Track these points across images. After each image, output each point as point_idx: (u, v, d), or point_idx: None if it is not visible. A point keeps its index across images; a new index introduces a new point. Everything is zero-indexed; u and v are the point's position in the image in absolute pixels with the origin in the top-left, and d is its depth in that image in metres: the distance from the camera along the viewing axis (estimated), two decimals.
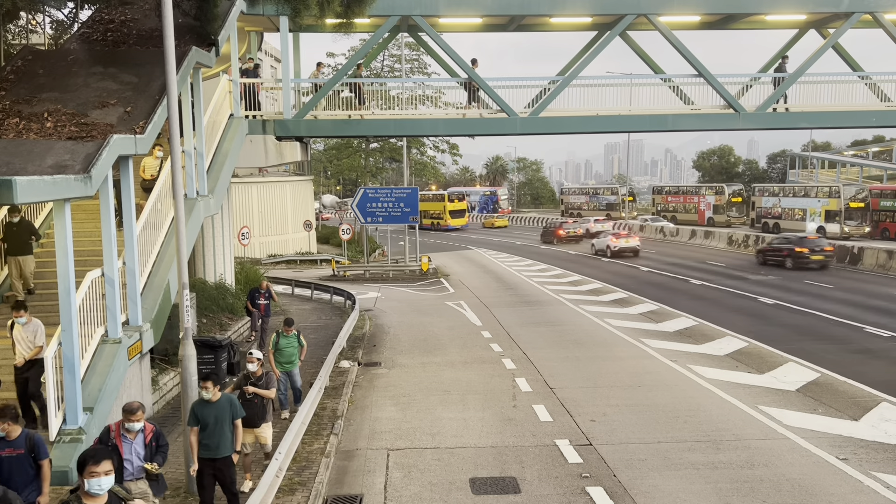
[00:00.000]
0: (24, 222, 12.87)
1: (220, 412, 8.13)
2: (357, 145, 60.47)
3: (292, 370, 12.66)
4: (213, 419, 8.08)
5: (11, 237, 12.63)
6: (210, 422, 8.09)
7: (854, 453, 10.42)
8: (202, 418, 8.11)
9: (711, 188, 62.47)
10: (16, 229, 12.64)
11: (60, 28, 19.08)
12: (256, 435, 9.63)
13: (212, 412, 8.10)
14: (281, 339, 12.57)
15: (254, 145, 20.72)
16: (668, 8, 21.48)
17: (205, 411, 8.12)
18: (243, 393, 9.52)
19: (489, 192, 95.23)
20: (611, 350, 17.50)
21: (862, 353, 16.75)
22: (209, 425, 8.08)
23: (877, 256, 32.71)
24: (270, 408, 9.88)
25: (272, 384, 9.86)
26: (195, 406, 8.25)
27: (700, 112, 22.12)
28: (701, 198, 61.36)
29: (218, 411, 8.13)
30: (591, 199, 77.50)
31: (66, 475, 9.36)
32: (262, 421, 9.63)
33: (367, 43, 23.16)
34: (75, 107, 12.08)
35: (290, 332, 12.60)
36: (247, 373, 9.87)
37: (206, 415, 8.11)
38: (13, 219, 12.62)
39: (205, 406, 8.15)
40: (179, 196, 9.68)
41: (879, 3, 21.47)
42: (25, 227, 12.84)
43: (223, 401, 8.21)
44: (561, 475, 9.82)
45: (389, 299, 27.45)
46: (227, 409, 8.19)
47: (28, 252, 12.71)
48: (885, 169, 58.68)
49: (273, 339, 12.70)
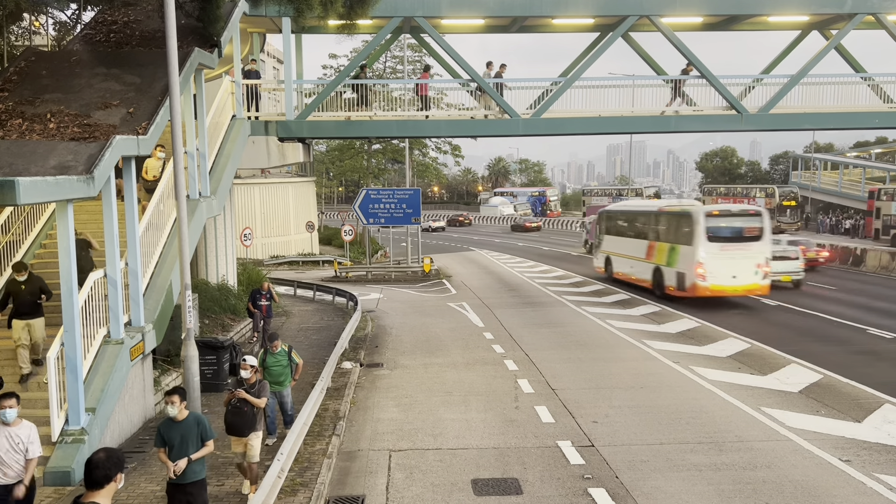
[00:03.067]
0: (32, 279, 11.13)
1: (187, 431, 7.37)
2: (359, 146, 60.45)
3: (281, 391, 11.40)
4: (179, 439, 7.33)
5: (19, 297, 10.97)
6: (176, 442, 7.35)
7: (857, 455, 10.39)
8: (168, 439, 7.38)
9: (763, 190, 56.71)
10: (24, 287, 10.94)
11: (63, 29, 19.10)
12: (245, 444, 9.07)
13: (178, 432, 7.36)
14: (268, 357, 11.26)
15: (256, 146, 20.74)
16: (671, 9, 21.47)
17: (170, 431, 7.38)
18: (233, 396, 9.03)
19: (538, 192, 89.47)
20: (613, 351, 17.48)
21: (865, 355, 16.71)
22: (175, 446, 7.34)
23: (879, 258, 32.65)
24: (262, 417, 9.32)
25: (265, 393, 9.26)
26: (161, 426, 7.50)
27: (703, 113, 22.10)
28: (751, 201, 54.39)
29: (184, 430, 7.37)
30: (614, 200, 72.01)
31: (67, 475, 9.37)
32: (251, 430, 9.01)
33: (370, 44, 23.16)
34: (78, 108, 12.11)
35: (276, 349, 11.26)
36: (239, 378, 9.33)
37: (172, 435, 7.37)
38: (20, 277, 11.00)
39: (170, 426, 7.42)
40: (182, 197, 9.70)
41: (882, 4, 21.43)
42: (35, 284, 11.08)
43: (190, 420, 7.45)
44: (563, 476, 9.81)
45: (391, 300, 27.45)
46: (195, 428, 7.41)
47: (39, 314, 11.09)
48: (887, 170, 58.59)
49: (260, 356, 11.32)
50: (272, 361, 11.21)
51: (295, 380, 11.55)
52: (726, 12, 22.08)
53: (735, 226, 22.78)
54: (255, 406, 9.05)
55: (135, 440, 11.30)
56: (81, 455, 9.55)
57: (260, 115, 20.56)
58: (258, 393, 9.14)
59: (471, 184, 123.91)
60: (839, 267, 34.20)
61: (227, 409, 9.10)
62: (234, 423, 9.00)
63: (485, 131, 22.75)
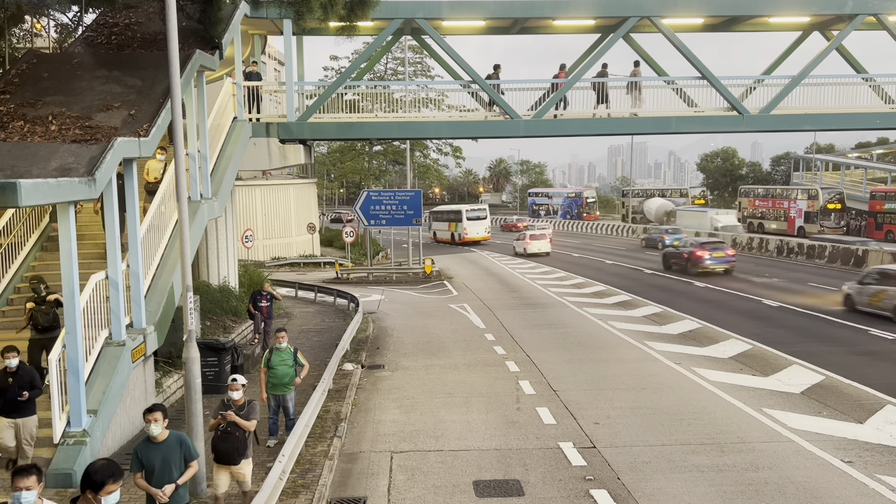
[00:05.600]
0: (23, 368, 9.36)
1: (169, 453, 6.69)
2: (360, 148, 60.48)
3: (285, 395, 11.01)
4: (160, 462, 6.67)
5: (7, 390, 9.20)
6: (156, 465, 6.66)
7: (859, 456, 10.38)
8: (146, 462, 6.68)
9: (805, 191, 51.82)
10: (11, 381, 9.20)
11: (65, 32, 19.10)
12: (234, 473, 8.20)
13: (158, 454, 6.68)
14: (273, 356, 10.94)
15: (257, 148, 20.75)
16: (672, 10, 21.46)
17: (150, 454, 6.70)
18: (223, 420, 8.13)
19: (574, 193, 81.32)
20: (614, 353, 17.46)
21: (867, 356, 16.69)
22: (155, 470, 6.65)
23: (881, 258, 32.62)
24: (251, 441, 8.39)
25: (254, 415, 8.32)
26: (138, 448, 6.81)
27: (703, 114, 22.08)
28: (791, 203, 51.32)
29: (166, 452, 6.69)
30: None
31: (69, 477, 9.37)
32: (242, 457, 8.14)
33: (371, 46, 23.17)
34: (79, 110, 12.12)
35: (282, 341, 10.96)
36: (226, 400, 8.39)
37: (152, 458, 6.68)
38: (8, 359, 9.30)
39: (150, 447, 6.73)
40: (183, 199, 9.69)
41: (883, 5, 21.41)
42: (25, 377, 9.32)
43: (171, 440, 6.78)
44: (565, 478, 9.80)
45: (393, 302, 27.45)
46: (177, 449, 6.78)
47: (30, 411, 9.42)
48: (889, 171, 58.51)
49: (265, 357, 11.15)
50: (277, 361, 10.94)
51: (299, 379, 11.18)
52: (727, 13, 22.07)
53: (476, 216, 56.48)
54: (246, 430, 8.17)
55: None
56: (83, 457, 9.56)
57: (261, 116, 20.58)
58: (248, 415, 8.25)
59: (472, 185, 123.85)
60: (840, 267, 34.18)
61: (215, 435, 8.19)
62: (223, 449, 8.08)
63: (486, 133, 22.76)
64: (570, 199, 78.59)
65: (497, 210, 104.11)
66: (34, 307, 11.27)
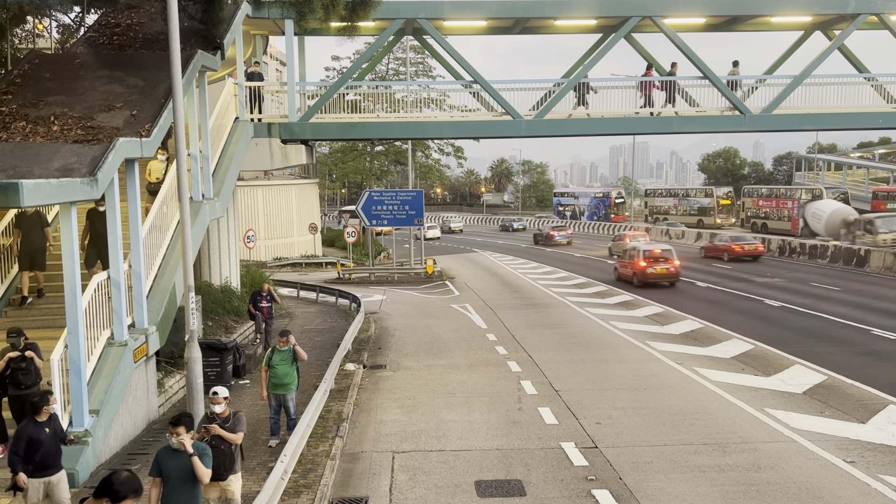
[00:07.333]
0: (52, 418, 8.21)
1: (188, 464, 6.57)
2: (362, 148, 60.54)
3: (286, 395, 11.04)
4: (179, 471, 6.56)
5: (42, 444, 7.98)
6: (173, 475, 6.56)
7: (861, 456, 10.36)
8: (165, 469, 6.59)
9: (809, 191, 50.64)
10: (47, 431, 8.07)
11: (67, 32, 19.13)
12: (222, 489, 7.78)
13: (178, 465, 6.57)
14: (275, 355, 11.04)
15: (259, 148, 20.76)
16: (673, 10, 21.44)
17: (170, 462, 6.60)
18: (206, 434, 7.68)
19: (601, 193, 77.26)
20: (616, 353, 17.46)
21: (869, 356, 16.67)
22: (171, 480, 6.56)
23: (883, 258, 32.57)
24: (239, 456, 7.99)
25: (241, 427, 7.93)
26: (160, 454, 6.72)
27: (705, 114, 22.07)
28: (795, 202, 50.26)
29: (185, 463, 6.56)
30: (680, 201, 65.71)
31: (71, 477, 9.36)
32: (230, 472, 7.76)
33: (372, 46, 23.19)
34: (81, 110, 12.13)
35: (284, 345, 11.04)
36: (210, 413, 7.97)
37: (171, 467, 6.57)
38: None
39: (170, 455, 6.64)
40: (185, 199, 9.72)
41: (885, 4, 21.38)
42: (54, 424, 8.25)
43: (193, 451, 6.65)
44: (566, 478, 9.79)
45: (394, 302, 27.46)
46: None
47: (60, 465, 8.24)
48: (891, 171, 58.44)
49: (266, 356, 11.24)
50: (278, 360, 10.98)
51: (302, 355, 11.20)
52: (729, 13, 22.05)
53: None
54: (232, 443, 7.79)
55: (138, 442, 11.30)
56: (85, 457, 9.57)
57: (263, 117, 20.59)
58: (234, 427, 7.83)
59: (473, 185, 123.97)
60: (842, 267, 34.14)
61: None
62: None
63: (487, 133, 22.77)
64: (596, 199, 75.73)
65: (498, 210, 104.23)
66: (12, 359, 9.72)
